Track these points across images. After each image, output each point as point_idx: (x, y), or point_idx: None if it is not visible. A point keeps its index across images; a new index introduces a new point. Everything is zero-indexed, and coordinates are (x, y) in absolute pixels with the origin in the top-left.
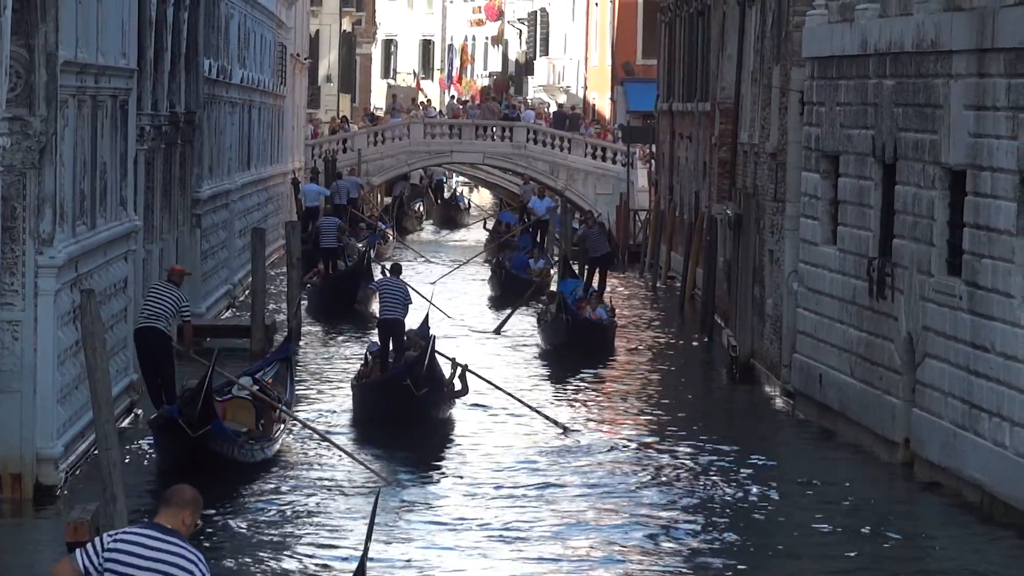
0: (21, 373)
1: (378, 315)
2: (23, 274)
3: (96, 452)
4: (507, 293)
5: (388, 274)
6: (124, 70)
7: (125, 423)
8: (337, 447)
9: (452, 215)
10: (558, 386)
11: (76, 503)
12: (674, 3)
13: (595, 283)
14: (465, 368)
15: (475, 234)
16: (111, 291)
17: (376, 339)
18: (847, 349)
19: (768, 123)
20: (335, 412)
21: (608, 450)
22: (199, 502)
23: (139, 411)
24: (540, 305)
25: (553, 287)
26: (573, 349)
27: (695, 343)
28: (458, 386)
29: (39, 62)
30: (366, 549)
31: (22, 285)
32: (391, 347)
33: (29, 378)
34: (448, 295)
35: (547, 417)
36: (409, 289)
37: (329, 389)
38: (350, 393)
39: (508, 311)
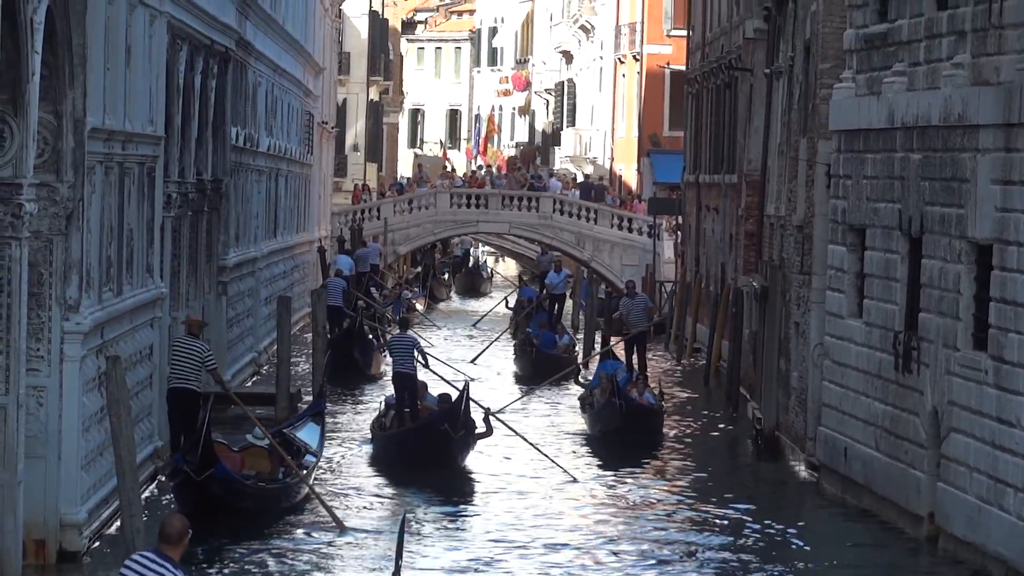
0: (46, 439)
1: (392, 369)
2: (49, 340)
3: (120, 519)
4: (539, 372)
5: (398, 329)
6: (151, 137)
7: (149, 490)
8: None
9: (475, 283)
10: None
11: (99, 570)
12: (701, 75)
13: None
14: (489, 411)
15: (501, 307)
16: (137, 358)
17: (393, 392)
18: (872, 423)
19: (795, 196)
20: (354, 460)
21: (632, 519)
22: (186, 532)
23: (163, 477)
24: (580, 387)
25: (584, 364)
26: (625, 435)
27: (720, 415)
28: (483, 428)
29: (67, 128)
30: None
31: (48, 351)
32: (406, 398)
33: (54, 444)
34: (472, 372)
35: (561, 467)
36: (419, 341)
37: (346, 439)
38: (369, 440)
39: (533, 388)
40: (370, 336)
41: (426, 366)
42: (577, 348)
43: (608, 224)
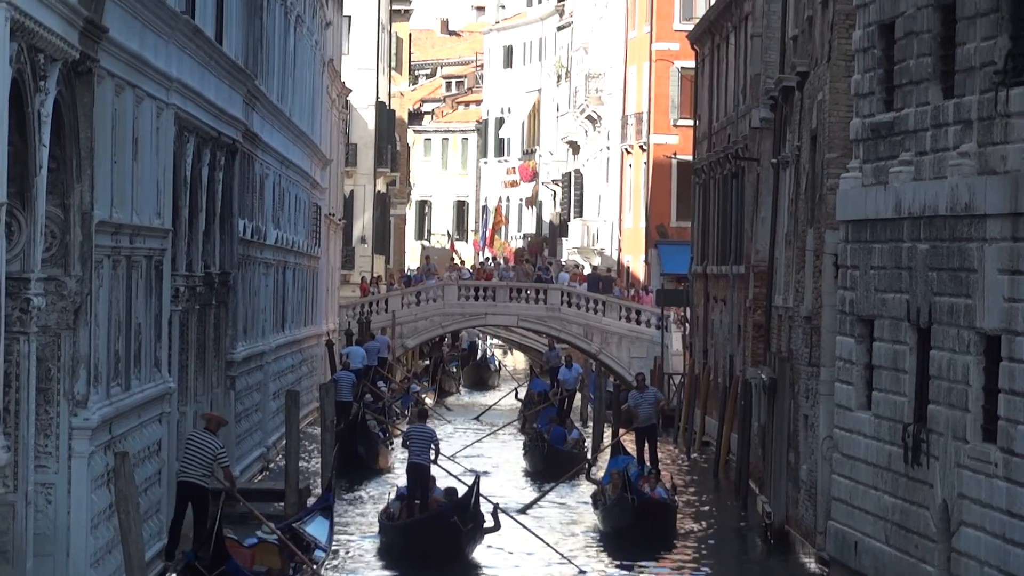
0: (55, 536)
1: (408, 459)
2: (57, 436)
3: None
4: (550, 467)
5: (416, 420)
6: (159, 230)
7: None
8: None
9: (483, 376)
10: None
11: None
12: (708, 165)
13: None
14: (497, 507)
15: (507, 399)
16: (145, 453)
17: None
18: (882, 516)
19: (802, 286)
20: (363, 553)
21: None
22: None
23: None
24: (591, 483)
25: (594, 460)
26: (638, 531)
27: (730, 509)
28: (490, 523)
29: (74, 222)
30: None
31: (56, 447)
32: (418, 490)
33: (62, 541)
34: (480, 466)
35: (571, 562)
36: (436, 434)
37: (355, 532)
38: (377, 532)
39: (547, 488)
40: (376, 430)
41: (435, 461)
42: (586, 442)
43: (616, 316)
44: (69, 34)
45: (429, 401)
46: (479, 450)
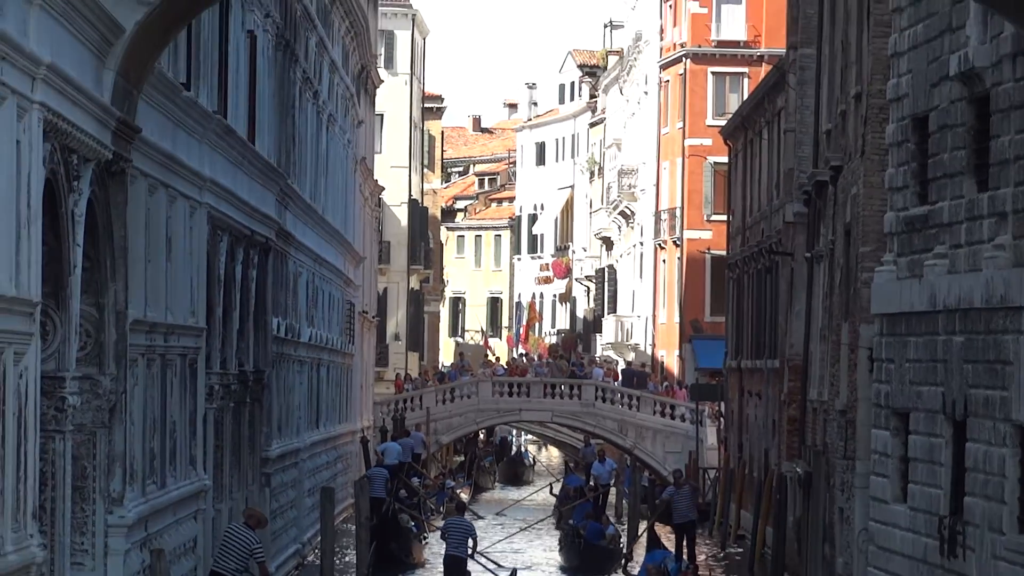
0: None
1: (445, 551)
2: (93, 534)
3: None
4: (586, 563)
5: (454, 513)
6: (193, 329)
7: None
8: None
9: (517, 472)
10: None
11: None
12: (742, 260)
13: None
14: None
15: (542, 494)
16: (181, 551)
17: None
18: None
19: (837, 380)
20: None
21: None
22: None
23: None
24: None
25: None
26: None
27: None
28: None
29: (109, 321)
30: None
31: (92, 544)
32: None
33: None
34: (515, 561)
35: None
36: (474, 528)
37: None
38: None
39: None
40: (410, 523)
41: (472, 556)
42: (622, 538)
43: (651, 411)
44: (102, 134)
45: (465, 496)
46: (514, 545)
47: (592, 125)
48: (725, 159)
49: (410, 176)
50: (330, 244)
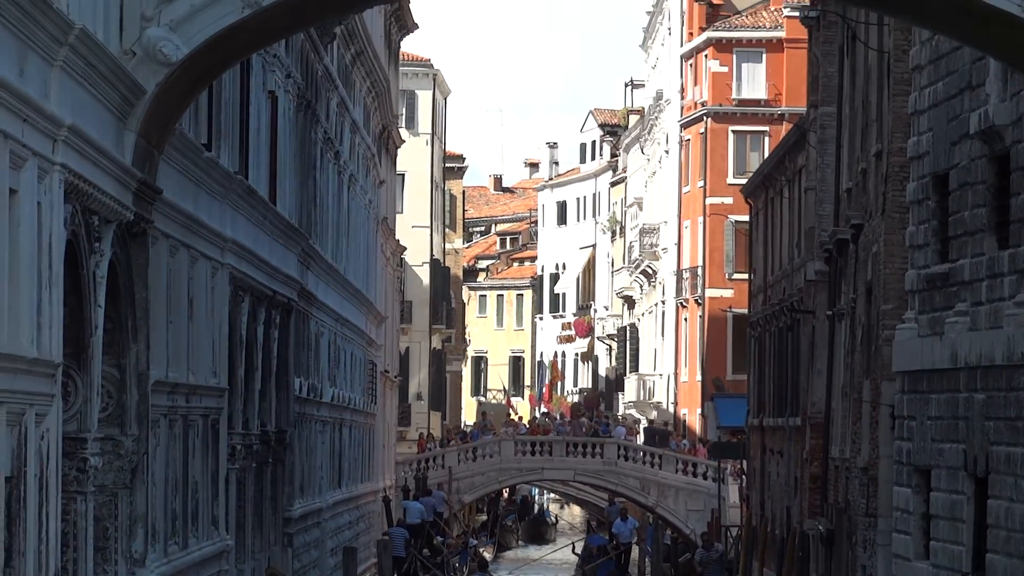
0: None
1: None
2: None
3: None
4: None
5: (477, 571)
6: (215, 389)
7: None
8: None
9: (540, 531)
10: None
11: None
12: (763, 318)
13: None
14: None
15: (563, 553)
16: None
17: None
18: None
19: (859, 437)
20: None
21: None
22: None
23: None
24: None
25: None
26: None
27: None
28: None
29: (130, 382)
30: None
31: None
32: None
33: None
34: None
35: None
36: None
37: None
38: None
39: None
40: None
41: None
42: None
43: (673, 469)
44: (123, 196)
45: (488, 555)
46: None
47: (613, 184)
48: (746, 217)
49: (431, 236)
50: (352, 304)
